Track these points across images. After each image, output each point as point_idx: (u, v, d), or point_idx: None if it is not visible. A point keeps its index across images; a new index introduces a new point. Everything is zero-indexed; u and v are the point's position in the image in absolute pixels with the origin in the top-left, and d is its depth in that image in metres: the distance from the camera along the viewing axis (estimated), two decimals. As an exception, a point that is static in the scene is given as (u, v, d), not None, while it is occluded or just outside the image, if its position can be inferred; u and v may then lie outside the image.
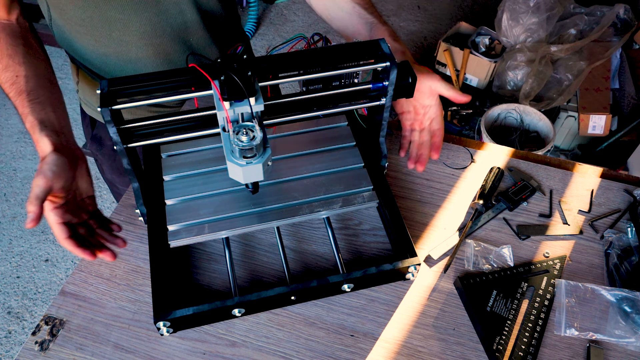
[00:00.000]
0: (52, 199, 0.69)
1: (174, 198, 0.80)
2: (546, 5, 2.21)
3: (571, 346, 0.73)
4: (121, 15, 0.83)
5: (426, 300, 0.77)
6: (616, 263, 0.81)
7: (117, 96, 0.67)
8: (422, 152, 0.91)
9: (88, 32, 0.86)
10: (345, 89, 0.77)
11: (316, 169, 0.84)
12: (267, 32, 2.97)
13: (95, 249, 0.73)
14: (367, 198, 0.81)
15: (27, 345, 0.72)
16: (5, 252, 1.99)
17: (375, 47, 0.74)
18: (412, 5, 3.12)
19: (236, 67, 0.61)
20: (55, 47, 2.81)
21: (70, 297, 0.76)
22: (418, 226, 0.86)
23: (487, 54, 2.36)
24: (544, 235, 0.85)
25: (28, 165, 2.28)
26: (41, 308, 1.84)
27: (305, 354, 0.72)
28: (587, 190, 0.92)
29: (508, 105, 2.14)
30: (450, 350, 0.72)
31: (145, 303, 0.76)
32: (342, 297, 0.77)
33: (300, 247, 0.83)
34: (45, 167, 0.68)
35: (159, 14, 0.85)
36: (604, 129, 2.16)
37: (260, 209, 0.79)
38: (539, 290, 0.78)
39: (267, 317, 0.75)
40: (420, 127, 0.91)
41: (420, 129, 0.91)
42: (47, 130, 0.72)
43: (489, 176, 0.90)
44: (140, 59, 0.90)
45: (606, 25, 2.18)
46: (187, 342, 0.72)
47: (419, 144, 0.92)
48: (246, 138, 0.63)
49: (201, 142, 0.87)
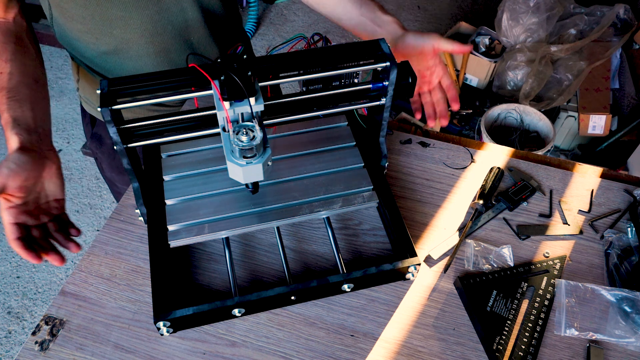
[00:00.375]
0: (7, 197, 0.67)
1: (174, 198, 0.80)
2: (546, 5, 2.21)
3: (571, 346, 0.73)
4: (122, 12, 0.83)
5: (426, 300, 0.77)
6: (616, 263, 0.81)
7: (117, 96, 0.67)
8: (441, 108, 0.91)
9: (89, 30, 0.86)
10: (345, 89, 0.77)
11: (316, 169, 0.84)
12: (267, 32, 2.97)
13: (41, 252, 0.70)
14: (367, 198, 0.81)
15: (27, 345, 0.72)
16: (5, 252, 1.99)
17: (375, 47, 0.74)
18: (412, 5, 3.12)
19: (236, 67, 0.61)
20: (56, 47, 2.81)
21: (70, 297, 0.76)
22: (418, 226, 0.86)
23: (487, 54, 2.36)
24: (544, 235, 0.85)
25: (28, 165, 2.27)
26: (41, 308, 1.84)
27: (305, 354, 0.72)
28: (587, 190, 0.92)
29: (508, 105, 2.14)
30: (450, 350, 0.72)
31: (145, 303, 0.76)
32: (342, 297, 0.77)
33: (300, 247, 0.83)
34: (4, 164, 0.67)
35: (159, 12, 0.85)
36: (604, 129, 2.16)
37: (260, 209, 0.79)
38: (539, 290, 0.78)
39: (267, 317, 0.75)
40: (429, 87, 0.91)
41: (430, 89, 0.92)
42: (19, 129, 0.70)
43: (489, 176, 0.90)
44: (141, 57, 0.90)
45: (606, 25, 2.18)
46: (187, 342, 0.72)
47: (435, 102, 0.92)
48: (246, 138, 0.63)
49: (201, 142, 0.87)
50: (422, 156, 0.96)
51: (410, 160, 0.96)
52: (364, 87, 0.77)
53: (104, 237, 0.83)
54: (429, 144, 0.98)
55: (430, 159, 0.96)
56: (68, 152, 2.33)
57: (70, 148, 2.35)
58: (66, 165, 2.28)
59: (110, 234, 0.84)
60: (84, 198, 2.16)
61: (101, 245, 0.82)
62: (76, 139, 2.39)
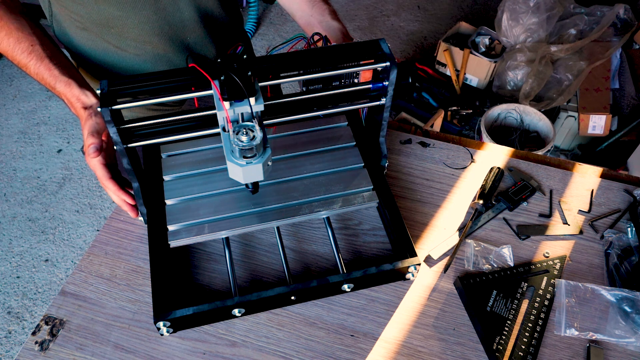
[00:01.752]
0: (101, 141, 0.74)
1: (174, 198, 0.80)
2: (546, 5, 2.21)
3: (571, 346, 0.73)
4: (119, 12, 0.84)
5: (426, 300, 0.77)
6: (616, 263, 0.81)
7: (117, 96, 0.67)
8: None
9: (87, 29, 0.87)
10: (345, 89, 0.77)
11: (316, 169, 0.84)
12: (267, 32, 2.97)
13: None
14: (367, 198, 0.81)
15: (27, 345, 0.72)
16: (5, 252, 1.99)
17: (375, 47, 0.74)
18: (412, 5, 3.12)
19: (236, 67, 0.61)
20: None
21: (70, 297, 0.76)
22: (418, 226, 0.86)
23: (487, 54, 2.36)
24: (544, 235, 0.85)
25: (28, 165, 2.27)
26: (41, 308, 1.84)
27: (305, 354, 0.72)
28: (587, 190, 0.92)
29: (508, 105, 2.14)
30: (450, 350, 0.72)
31: (145, 303, 0.76)
32: (342, 297, 0.77)
33: (300, 247, 0.83)
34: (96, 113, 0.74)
35: (156, 12, 0.86)
36: (604, 129, 2.16)
37: (260, 209, 0.79)
38: (539, 290, 0.78)
39: (267, 317, 0.75)
40: None
41: None
42: (87, 86, 0.77)
43: (489, 176, 0.90)
44: (139, 56, 0.91)
45: (606, 25, 2.18)
46: (187, 342, 0.72)
47: None
48: (246, 138, 0.63)
49: (201, 142, 0.87)
50: (422, 156, 0.96)
51: (410, 160, 0.96)
52: (364, 87, 0.77)
53: (104, 237, 0.83)
54: (429, 144, 0.98)
55: (430, 159, 0.96)
56: (68, 152, 2.33)
57: (70, 148, 2.35)
58: (66, 165, 2.28)
59: (110, 234, 0.84)
60: (84, 198, 2.16)
61: (101, 245, 0.82)
62: (76, 139, 2.39)
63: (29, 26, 0.81)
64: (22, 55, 0.78)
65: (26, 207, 2.13)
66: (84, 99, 0.75)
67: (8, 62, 2.72)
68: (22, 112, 2.49)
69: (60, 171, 2.26)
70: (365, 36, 2.88)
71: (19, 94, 2.58)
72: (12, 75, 2.66)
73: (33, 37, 0.79)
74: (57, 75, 0.77)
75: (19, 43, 0.78)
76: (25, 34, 0.79)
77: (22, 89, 2.61)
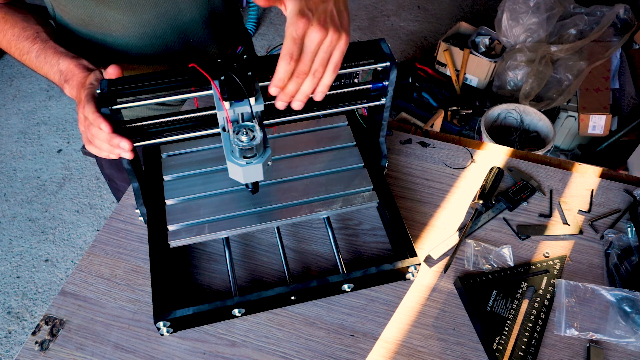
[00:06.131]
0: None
1: (174, 198, 0.80)
2: (546, 5, 2.21)
3: (571, 346, 0.73)
4: (120, 16, 0.84)
5: (426, 300, 0.77)
6: (616, 263, 0.81)
7: (117, 96, 0.67)
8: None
9: (89, 31, 0.87)
10: (345, 89, 0.77)
11: (316, 169, 0.84)
12: (267, 32, 2.97)
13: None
14: (367, 198, 0.81)
15: (27, 345, 0.72)
16: (5, 252, 1.99)
17: (375, 47, 0.74)
18: (412, 5, 3.12)
19: (236, 67, 0.61)
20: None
21: (70, 297, 0.77)
22: (418, 226, 0.86)
23: (487, 54, 2.36)
24: (543, 235, 0.85)
25: (28, 165, 2.28)
26: (41, 308, 1.84)
27: (305, 354, 0.72)
28: (587, 190, 0.92)
29: (508, 105, 2.14)
30: (450, 350, 0.72)
31: (145, 303, 0.76)
32: (342, 297, 0.77)
33: (300, 247, 0.83)
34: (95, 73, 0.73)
35: (157, 17, 0.86)
36: (604, 129, 2.16)
37: (260, 209, 0.79)
38: (539, 290, 0.78)
39: (267, 317, 0.75)
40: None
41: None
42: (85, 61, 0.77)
43: (489, 176, 0.90)
44: (141, 58, 0.91)
45: (606, 25, 2.19)
46: (187, 342, 0.72)
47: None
48: (246, 138, 0.63)
49: (201, 142, 0.87)
50: (422, 156, 0.96)
51: (410, 160, 0.96)
52: (364, 87, 0.77)
53: (104, 237, 0.83)
54: (429, 144, 0.98)
55: (430, 159, 0.96)
56: (68, 152, 2.33)
57: (70, 148, 2.35)
58: (66, 165, 2.28)
59: (110, 234, 0.84)
60: (84, 198, 2.16)
61: (101, 245, 0.82)
62: (76, 139, 2.39)
63: (34, 19, 0.83)
64: (26, 41, 0.80)
65: (26, 207, 2.13)
66: (88, 64, 0.76)
67: (8, 62, 2.72)
68: (22, 112, 2.50)
69: (60, 171, 2.26)
70: (365, 36, 2.88)
71: (19, 94, 2.58)
72: (12, 75, 2.66)
73: (37, 25, 0.82)
74: (63, 52, 0.78)
75: (24, 31, 0.81)
76: (30, 23, 0.82)
77: (22, 89, 2.61)
